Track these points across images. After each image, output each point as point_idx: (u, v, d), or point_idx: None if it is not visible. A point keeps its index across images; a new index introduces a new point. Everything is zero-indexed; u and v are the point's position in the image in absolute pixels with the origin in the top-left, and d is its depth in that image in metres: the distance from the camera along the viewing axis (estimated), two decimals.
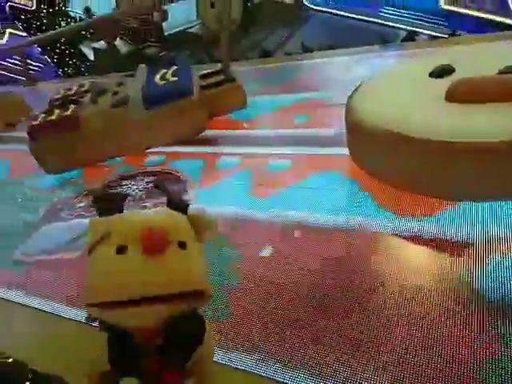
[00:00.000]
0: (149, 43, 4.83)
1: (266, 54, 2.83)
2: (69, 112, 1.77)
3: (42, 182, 1.76)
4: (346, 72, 2.02)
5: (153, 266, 0.63)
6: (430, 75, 1.20)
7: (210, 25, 4.32)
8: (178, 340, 0.68)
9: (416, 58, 1.57)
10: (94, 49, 5.28)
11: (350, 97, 1.23)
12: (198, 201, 1.23)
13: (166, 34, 4.98)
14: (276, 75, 2.23)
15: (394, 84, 1.22)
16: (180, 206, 0.74)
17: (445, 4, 3.81)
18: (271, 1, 4.21)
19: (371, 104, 1.14)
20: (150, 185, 1.51)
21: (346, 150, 1.26)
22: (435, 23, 3.54)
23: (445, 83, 1.10)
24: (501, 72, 1.10)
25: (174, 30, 5.11)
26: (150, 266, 0.63)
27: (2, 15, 5.75)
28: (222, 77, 1.94)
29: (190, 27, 5.13)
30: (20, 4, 5.12)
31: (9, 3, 5.66)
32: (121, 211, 0.72)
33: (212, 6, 4.26)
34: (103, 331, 0.67)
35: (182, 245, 0.67)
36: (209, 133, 1.78)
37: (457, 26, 3.72)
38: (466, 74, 1.11)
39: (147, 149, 1.73)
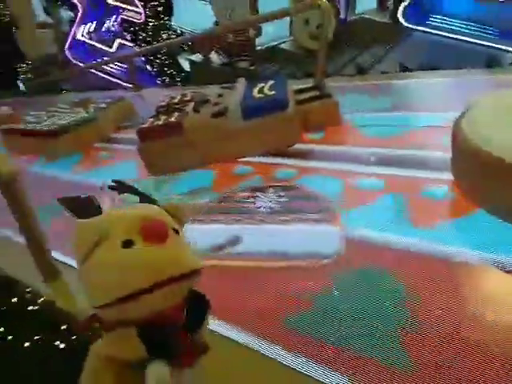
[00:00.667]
0: (241, 57, 5.04)
1: (361, 72, 2.82)
2: (173, 119, 1.93)
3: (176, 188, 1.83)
4: (448, 94, 1.95)
5: (163, 252, 0.69)
6: None
7: (304, 41, 4.41)
8: (199, 310, 0.77)
9: None
10: (190, 60, 5.63)
11: (458, 121, 1.19)
12: (348, 223, 1.21)
13: (258, 48, 5.16)
14: (373, 93, 2.21)
15: (508, 110, 1.15)
16: (151, 201, 0.82)
17: None
18: (367, 19, 4.19)
19: (483, 130, 1.08)
20: (284, 199, 1.49)
21: None
22: None
23: None
24: None
25: (266, 45, 5.28)
26: (161, 252, 0.69)
27: (114, 26, 6.39)
28: (316, 92, 1.99)
29: (282, 43, 5.26)
30: (131, 17, 5.65)
31: (121, 16, 6.23)
32: (100, 212, 0.77)
33: (306, 22, 4.35)
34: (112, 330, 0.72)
35: (176, 230, 0.75)
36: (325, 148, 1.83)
37: None
38: None
39: (242, 157, 1.83)
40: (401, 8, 3.67)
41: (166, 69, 6.07)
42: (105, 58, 6.03)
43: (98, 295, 0.71)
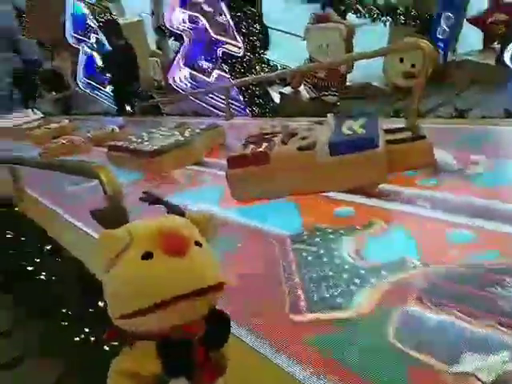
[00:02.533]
0: (330, 92, 5.09)
1: (460, 114, 2.69)
2: (261, 149, 2.01)
3: None
4: None
5: (183, 265, 0.68)
6: None
7: (397, 80, 4.34)
8: (220, 327, 0.74)
9: None
10: (281, 93, 5.83)
11: None
12: None
13: (348, 83, 5.18)
14: (473, 138, 2.09)
15: None
16: (179, 212, 0.80)
17: None
18: (469, 60, 4.01)
19: None
20: None
21: None
22: None
23: None
24: None
25: (357, 81, 5.28)
26: (181, 265, 0.68)
27: (213, 56, 6.87)
28: (409, 133, 1.94)
29: (373, 80, 5.22)
30: (231, 51, 6.03)
31: (221, 49, 6.69)
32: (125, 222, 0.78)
33: (401, 61, 4.28)
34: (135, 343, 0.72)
35: (198, 243, 0.73)
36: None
37: None
38: None
39: (325, 191, 1.83)
40: (509, 50, 3.47)
41: (256, 99, 6.33)
42: (203, 87, 6.49)
43: (116, 306, 0.71)
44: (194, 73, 6.88)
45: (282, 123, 2.52)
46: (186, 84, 7.08)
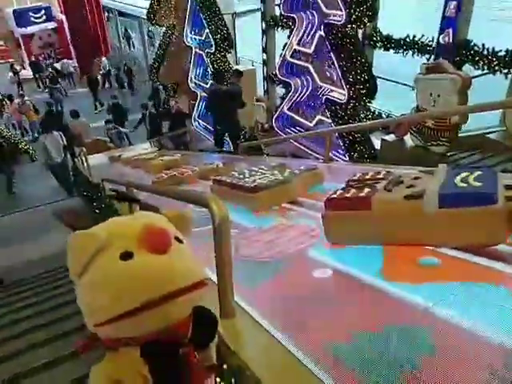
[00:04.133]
0: (439, 142, 4.83)
1: None
2: (363, 194, 1.95)
3: None
4: None
5: (165, 263, 0.64)
6: None
7: None
8: (206, 325, 0.71)
9: None
10: (383, 140, 5.70)
11: None
12: None
13: (461, 135, 4.88)
14: None
15: None
16: (152, 209, 0.76)
17: None
18: None
19: None
20: None
21: None
22: None
23: None
24: None
25: (471, 133, 4.95)
26: (162, 263, 0.64)
27: (313, 103, 7.04)
28: None
29: (491, 132, 4.85)
30: (335, 97, 6.12)
31: (325, 97, 6.83)
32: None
33: None
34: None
35: (179, 239, 0.70)
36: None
37: None
38: None
39: (432, 245, 1.69)
40: None
41: (356, 145, 6.28)
42: (304, 131, 6.66)
43: (95, 313, 0.66)
44: (297, 117, 7.12)
45: (385, 169, 2.44)
46: (288, 127, 7.34)
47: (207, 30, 8.77)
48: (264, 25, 8.32)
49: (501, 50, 4.63)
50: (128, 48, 16.95)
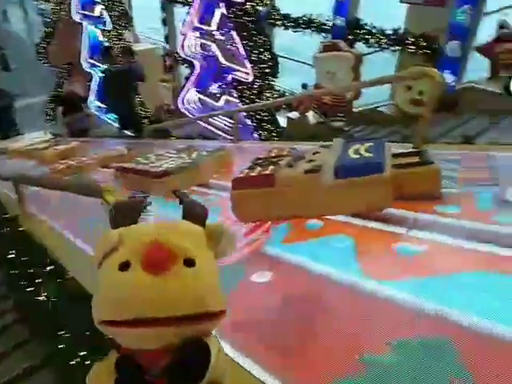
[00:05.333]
0: (337, 117, 5.14)
1: (467, 141, 2.68)
2: (267, 171, 2.00)
3: None
4: None
5: (154, 285, 0.58)
6: None
7: (404, 106, 4.38)
8: (181, 369, 0.62)
9: None
10: (288, 118, 5.89)
11: None
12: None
13: (355, 109, 5.24)
14: (480, 163, 2.08)
15: None
16: (197, 219, 0.69)
17: None
18: (476, 88, 4.05)
19: None
20: None
21: None
22: None
23: None
24: None
25: (364, 107, 5.33)
26: (151, 285, 0.58)
27: (222, 82, 7.01)
28: (416, 158, 1.92)
29: (381, 106, 5.27)
30: (241, 77, 6.16)
31: (231, 76, 6.82)
32: (135, 222, 0.69)
33: (408, 88, 4.32)
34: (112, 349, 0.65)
35: (190, 262, 0.62)
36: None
37: None
38: None
39: (330, 215, 1.81)
40: None
41: (263, 124, 6.41)
42: (211, 111, 6.59)
43: (93, 309, 0.65)
44: (203, 97, 7.03)
45: (288, 147, 2.53)
46: (194, 108, 7.21)
47: (101, 6, 8.13)
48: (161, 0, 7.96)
49: (388, 29, 5.01)
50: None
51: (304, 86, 5.41)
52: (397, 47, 4.81)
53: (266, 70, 6.28)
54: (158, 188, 2.63)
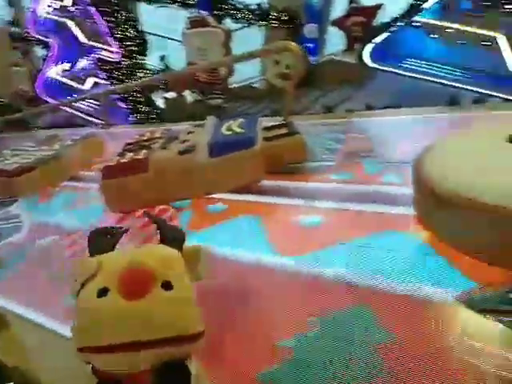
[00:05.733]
0: (214, 95, 5.13)
1: (329, 110, 2.90)
2: (140, 156, 1.89)
3: None
4: (410, 132, 2.00)
5: (132, 310, 0.60)
6: (510, 141, 1.13)
7: (274, 81, 4.53)
8: None
9: (491, 121, 1.51)
10: (164, 98, 5.68)
11: (419, 159, 1.19)
12: None
13: (231, 86, 5.28)
14: (339, 131, 2.26)
15: (468, 148, 1.17)
16: (174, 242, 0.71)
17: None
18: (336, 60, 4.37)
19: (443, 168, 1.08)
20: None
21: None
22: (507, 86, 3.48)
23: None
24: None
25: (239, 84, 5.41)
26: (128, 310, 0.60)
27: (88, 65, 6.42)
28: (285, 130, 2.00)
29: (254, 82, 5.40)
30: (106, 56, 5.70)
31: (95, 55, 6.27)
32: (112, 248, 0.71)
33: (277, 62, 4.48)
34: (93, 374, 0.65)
35: (167, 285, 0.63)
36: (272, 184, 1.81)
37: None
38: None
39: (209, 194, 1.79)
40: (367, 50, 3.86)
41: (139, 106, 6.09)
42: (77, 95, 6.01)
43: (73, 337, 0.66)
44: (66, 81, 6.36)
45: (162, 128, 2.42)
46: (56, 93, 6.50)
47: None
48: None
49: (253, 4, 5.09)
50: None
51: (162, 58, 5.25)
52: (262, 22, 4.92)
53: (134, 48, 5.92)
54: (17, 188, 2.31)
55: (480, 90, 3.33)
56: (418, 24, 3.75)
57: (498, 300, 0.89)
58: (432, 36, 3.80)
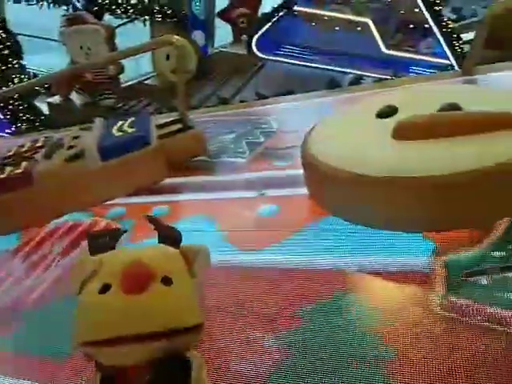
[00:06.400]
0: (105, 95, 4.86)
1: (223, 103, 2.92)
2: (21, 169, 1.71)
3: None
4: (298, 116, 2.11)
5: (133, 303, 0.62)
6: (378, 116, 1.26)
7: (167, 76, 4.43)
8: (162, 382, 0.64)
9: (363, 100, 1.65)
10: (49, 103, 5.24)
11: (305, 139, 1.27)
12: None
13: (123, 85, 5.04)
14: (233, 121, 2.29)
15: (345, 126, 1.27)
16: (172, 242, 0.73)
17: (386, 49, 4.20)
18: (225, 52, 4.40)
19: (324, 146, 1.17)
20: None
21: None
22: (379, 67, 3.86)
23: (391, 123, 1.16)
24: (441, 109, 1.18)
25: (131, 81, 5.20)
26: (130, 303, 0.62)
27: None
28: (179, 125, 1.97)
29: (147, 78, 5.23)
30: None
31: None
32: (112, 248, 0.72)
33: (167, 58, 4.38)
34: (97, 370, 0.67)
35: (167, 280, 0.66)
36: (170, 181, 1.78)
37: (399, 68, 4.08)
38: (408, 112, 1.18)
39: (106, 201, 1.69)
40: (254, 40, 3.96)
41: (21, 114, 5.55)
42: None
43: (75, 333, 0.67)
44: None
45: (45, 136, 2.22)
46: None
47: None
48: None
49: None
50: None
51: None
52: (146, 17, 4.77)
53: (6, 52, 5.35)
54: None
55: (356, 72, 3.64)
56: (296, 13, 3.94)
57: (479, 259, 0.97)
58: (311, 24, 4.03)
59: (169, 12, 4.55)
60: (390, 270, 1.00)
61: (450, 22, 4.52)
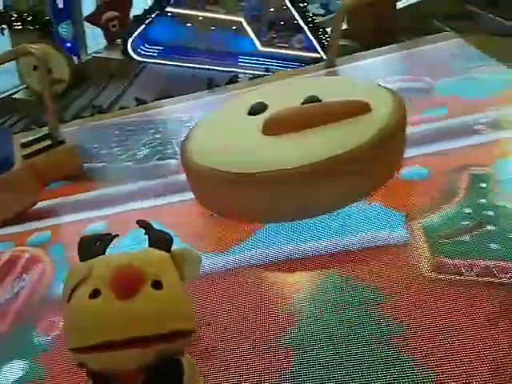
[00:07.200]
0: None
1: (101, 111, 2.74)
2: None
3: None
4: (178, 118, 2.08)
5: (123, 308, 0.61)
6: (249, 113, 1.30)
7: (36, 87, 4.03)
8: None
9: (235, 99, 1.69)
10: None
11: (182, 141, 1.30)
12: None
13: None
14: (111, 131, 2.17)
15: (219, 126, 1.30)
16: (163, 245, 0.72)
17: (261, 46, 4.37)
18: (100, 58, 4.15)
19: (200, 146, 1.21)
20: None
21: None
22: (254, 64, 4.01)
23: (261, 119, 1.20)
24: (304, 102, 1.25)
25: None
26: (119, 308, 0.61)
27: None
28: (48, 141, 1.80)
29: (15, 93, 4.72)
30: None
31: None
32: (102, 254, 0.70)
33: (35, 68, 3.99)
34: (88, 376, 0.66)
35: (158, 284, 0.65)
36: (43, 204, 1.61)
37: (272, 64, 4.29)
38: (276, 108, 1.23)
39: None
40: (129, 43, 3.79)
41: None
42: None
43: (65, 338, 0.65)
44: None
45: None
46: None
47: None
48: None
49: None
50: None
51: None
52: (3, 26, 4.28)
53: None
54: None
55: (234, 70, 3.72)
56: (170, 14, 3.88)
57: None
58: (187, 25, 4.00)
59: (30, 20, 4.11)
60: (369, 245, 1.03)
61: (315, 18, 4.86)
